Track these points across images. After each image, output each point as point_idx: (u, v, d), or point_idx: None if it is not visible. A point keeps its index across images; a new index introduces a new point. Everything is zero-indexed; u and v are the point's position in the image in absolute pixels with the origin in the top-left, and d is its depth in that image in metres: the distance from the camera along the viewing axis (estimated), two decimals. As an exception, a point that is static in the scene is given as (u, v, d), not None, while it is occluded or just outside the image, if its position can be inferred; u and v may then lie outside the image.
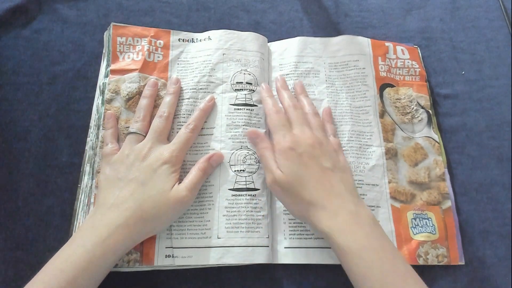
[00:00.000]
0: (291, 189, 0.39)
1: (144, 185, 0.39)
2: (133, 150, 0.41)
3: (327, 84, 0.50)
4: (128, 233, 0.37)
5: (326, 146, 0.42)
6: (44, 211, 0.43)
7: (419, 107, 0.50)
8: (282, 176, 0.40)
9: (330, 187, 0.39)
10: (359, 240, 0.36)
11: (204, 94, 0.47)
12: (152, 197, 0.39)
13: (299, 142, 0.41)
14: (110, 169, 0.41)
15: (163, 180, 0.40)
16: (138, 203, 0.38)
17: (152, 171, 0.40)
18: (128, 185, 0.39)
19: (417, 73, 0.52)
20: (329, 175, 0.40)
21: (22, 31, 0.51)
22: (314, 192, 0.39)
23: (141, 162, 0.40)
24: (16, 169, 0.44)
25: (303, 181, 0.39)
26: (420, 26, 0.57)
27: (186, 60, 0.50)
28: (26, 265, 0.41)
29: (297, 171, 0.40)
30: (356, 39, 0.53)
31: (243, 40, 0.50)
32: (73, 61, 0.50)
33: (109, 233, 0.36)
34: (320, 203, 0.38)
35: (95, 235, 0.36)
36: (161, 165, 0.40)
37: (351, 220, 0.37)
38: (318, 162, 0.40)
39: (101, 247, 0.35)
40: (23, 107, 0.47)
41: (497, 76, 0.54)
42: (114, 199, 0.38)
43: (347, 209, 0.38)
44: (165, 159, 0.40)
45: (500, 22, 0.57)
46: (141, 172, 0.40)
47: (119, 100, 0.46)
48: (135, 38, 0.50)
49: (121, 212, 0.37)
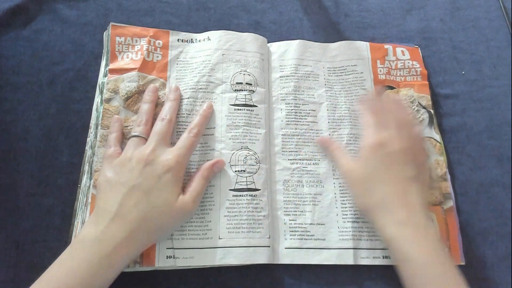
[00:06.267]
0: (366, 183, 0.40)
1: (149, 194, 0.38)
2: (136, 153, 0.40)
3: (326, 88, 0.50)
4: (133, 245, 0.36)
5: (417, 156, 0.41)
6: (44, 211, 0.43)
7: (420, 108, 0.50)
8: (361, 167, 0.41)
9: (405, 196, 0.38)
10: (425, 254, 0.36)
11: (204, 94, 0.47)
12: (157, 208, 0.38)
13: (392, 143, 0.40)
14: (111, 172, 0.40)
15: (168, 190, 0.39)
16: (142, 214, 0.37)
17: (157, 178, 0.38)
18: (131, 192, 0.37)
19: (418, 73, 0.52)
20: (408, 184, 0.39)
21: (22, 31, 0.51)
22: (387, 195, 0.39)
23: (144, 167, 0.39)
24: (16, 169, 0.44)
25: (380, 180, 0.39)
26: (420, 26, 0.57)
27: (185, 60, 0.50)
28: (26, 265, 0.41)
29: (378, 167, 0.40)
30: (354, 44, 0.53)
31: (242, 41, 0.50)
32: (73, 61, 0.50)
33: (115, 247, 0.35)
34: (390, 208, 0.38)
35: (100, 249, 0.35)
36: (166, 172, 0.39)
37: (418, 233, 0.37)
38: (402, 168, 0.40)
39: (106, 262, 0.35)
40: (23, 107, 0.47)
41: (497, 76, 0.54)
42: (117, 207, 0.37)
43: (416, 221, 0.37)
44: (170, 165, 0.39)
45: (500, 22, 0.57)
46: (145, 178, 0.38)
47: (118, 99, 0.46)
48: (134, 38, 0.50)
49: (126, 224, 0.36)
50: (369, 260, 0.43)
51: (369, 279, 0.43)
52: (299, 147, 0.47)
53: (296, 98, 0.49)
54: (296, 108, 0.49)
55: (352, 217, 0.44)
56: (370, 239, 0.43)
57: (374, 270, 0.43)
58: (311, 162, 0.47)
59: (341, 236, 0.43)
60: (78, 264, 0.34)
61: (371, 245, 0.43)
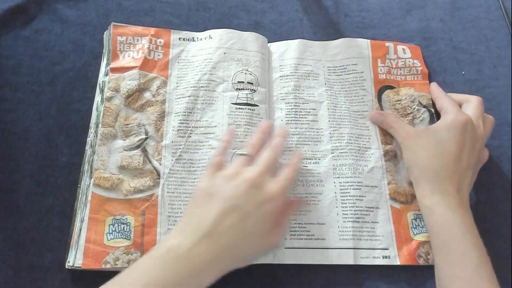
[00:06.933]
0: (437, 145, 0.43)
1: (246, 219, 0.35)
2: (244, 171, 0.38)
3: (326, 87, 0.50)
4: (217, 270, 0.34)
5: (482, 148, 0.45)
6: (44, 211, 0.43)
7: (421, 107, 0.50)
8: (438, 131, 0.43)
9: (460, 177, 0.42)
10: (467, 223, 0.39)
11: (205, 92, 0.47)
12: (250, 235, 0.36)
13: (472, 126, 0.43)
14: (214, 183, 0.37)
15: (264, 221, 0.36)
16: (234, 240, 0.35)
17: (258, 204, 0.36)
18: (229, 212, 0.35)
19: (419, 72, 0.52)
20: (467, 167, 0.42)
21: (22, 31, 0.51)
22: (449, 172, 0.41)
23: (249, 188, 0.36)
24: (16, 169, 0.44)
25: (446, 153, 0.42)
26: (420, 26, 0.57)
27: (186, 58, 0.50)
28: (26, 265, 0.40)
29: (453, 140, 0.42)
30: (355, 41, 0.53)
31: (244, 40, 0.50)
32: (73, 61, 0.50)
33: (201, 269, 0.33)
34: (449, 181, 0.41)
35: (188, 266, 0.33)
36: (268, 201, 0.36)
37: (467, 213, 0.40)
38: (471, 154, 0.43)
39: (189, 284, 0.33)
40: (23, 107, 0.47)
41: (497, 76, 0.54)
42: (211, 224, 0.34)
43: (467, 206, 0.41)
44: (274, 196, 0.37)
45: (500, 22, 0.57)
46: (246, 201, 0.36)
47: (119, 98, 0.46)
48: (136, 37, 0.50)
49: (216, 245, 0.34)
50: (369, 260, 0.43)
51: (369, 279, 0.43)
52: (299, 146, 0.47)
53: (296, 97, 0.49)
54: (296, 107, 0.49)
55: (353, 217, 0.44)
56: (370, 239, 0.43)
57: (374, 270, 0.43)
58: (312, 161, 0.47)
59: (341, 236, 0.43)
60: (163, 276, 0.32)
61: (371, 245, 0.43)
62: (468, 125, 0.43)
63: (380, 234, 0.44)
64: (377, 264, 0.43)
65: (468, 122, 0.43)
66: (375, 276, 0.43)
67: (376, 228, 0.44)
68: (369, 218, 0.44)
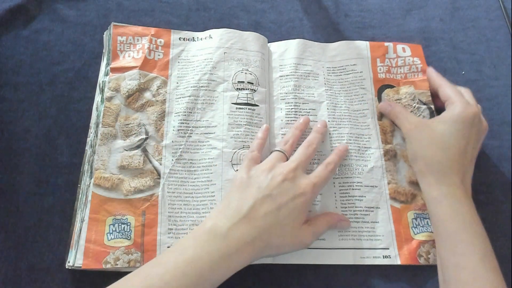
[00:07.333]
0: (443, 138, 0.42)
1: (279, 209, 0.38)
2: (279, 165, 0.41)
3: (326, 87, 0.50)
4: (252, 252, 0.36)
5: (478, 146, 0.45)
6: (44, 211, 0.43)
7: (421, 104, 0.50)
8: (450, 126, 0.42)
9: (465, 169, 0.42)
10: (472, 214, 0.40)
11: (205, 92, 0.47)
12: (282, 225, 0.38)
13: (479, 120, 0.43)
14: (251, 173, 0.40)
15: (296, 213, 0.39)
16: (267, 226, 0.37)
17: (291, 197, 0.38)
18: (264, 199, 0.38)
19: (419, 69, 0.52)
20: (471, 160, 0.43)
21: (22, 31, 0.51)
22: (454, 164, 0.41)
23: (283, 181, 0.39)
24: (16, 169, 0.44)
25: (452, 147, 0.42)
26: (420, 26, 0.57)
27: (187, 58, 0.50)
28: (26, 265, 0.40)
29: (460, 134, 0.42)
30: (353, 43, 0.53)
31: (244, 40, 0.50)
32: (73, 61, 0.50)
33: (237, 249, 0.35)
34: (454, 173, 0.41)
35: (224, 247, 0.35)
36: (300, 195, 0.39)
37: (472, 204, 0.41)
38: (475, 147, 0.43)
39: (226, 262, 0.35)
40: (23, 107, 0.47)
41: (497, 76, 0.54)
42: (248, 209, 0.37)
43: (470, 197, 0.42)
44: (306, 190, 0.39)
45: (500, 22, 0.58)
46: (280, 192, 0.38)
47: (119, 98, 0.46)
48: (136, 37, 0.50)
49: (252, 228, 0.36)
50: (369, 260, 0.43)
51: (370, 279, 0.43)
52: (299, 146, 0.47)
53: (296, 97, 0.49)
54: (296, 107, 0.49)
55: (352, 217, 0.44)
56: (370, 239, 0.43)
57: (374, 270, 0.43)
58: (312, 161, 0.46)
59: (341, 236, 0.43)
60: (200, 255, 0.34)
61: (371, 245, 0.43)
62: (476, 119, 0.43)
63: (380, 234, 0.44)
64: (377, 264, 0.43)
65: (476, 115, 0.43)
66: (375, 276, 0.43)
67: (376, 228, 0.44)
68: (369, 218, 0.44)
